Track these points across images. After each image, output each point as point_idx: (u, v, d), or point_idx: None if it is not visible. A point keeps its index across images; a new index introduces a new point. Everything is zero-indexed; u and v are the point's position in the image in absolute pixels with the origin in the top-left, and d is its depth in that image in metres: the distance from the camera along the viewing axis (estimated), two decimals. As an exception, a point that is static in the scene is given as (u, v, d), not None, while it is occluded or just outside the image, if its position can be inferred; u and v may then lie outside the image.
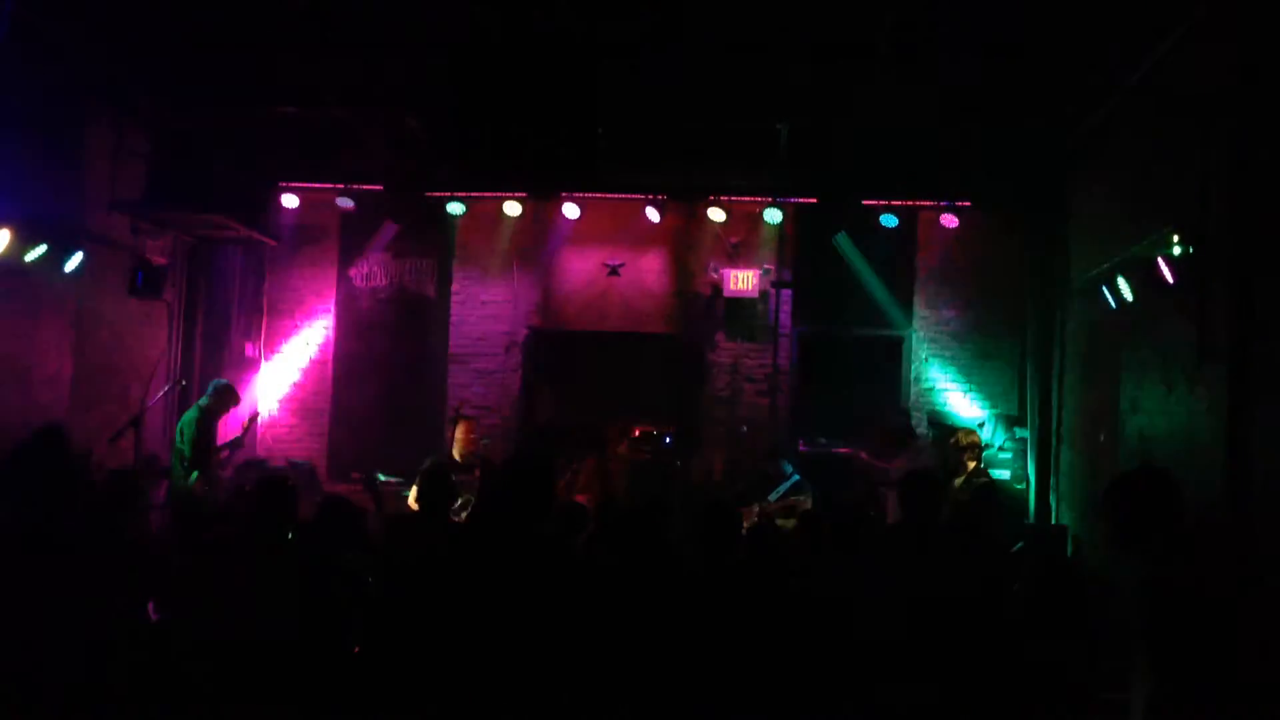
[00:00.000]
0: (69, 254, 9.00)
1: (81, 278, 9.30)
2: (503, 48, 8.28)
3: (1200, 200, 6.60)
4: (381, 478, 9.52)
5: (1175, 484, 3.88)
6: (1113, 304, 8.09)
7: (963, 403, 11.38)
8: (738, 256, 11.81)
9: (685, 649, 4.71)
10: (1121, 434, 8.23)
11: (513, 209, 11.44)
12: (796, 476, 9.83)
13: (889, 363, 11.70)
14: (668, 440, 10.87)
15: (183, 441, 9.10)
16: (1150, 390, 7.63)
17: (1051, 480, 10.26)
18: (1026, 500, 10.38)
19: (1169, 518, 3.82)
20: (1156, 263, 6.95)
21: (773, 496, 9.67)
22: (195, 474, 8.96)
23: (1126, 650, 4.47)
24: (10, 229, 8.25)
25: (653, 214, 11.28)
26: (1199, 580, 3.87)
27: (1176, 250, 6.77)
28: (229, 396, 9.60)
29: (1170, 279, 6.88)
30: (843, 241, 11.24)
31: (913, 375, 11.60)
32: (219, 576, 4.93)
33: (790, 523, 9.03)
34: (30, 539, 4.05)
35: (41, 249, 8.61)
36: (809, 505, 9.43)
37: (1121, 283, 7.83)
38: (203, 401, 9.42)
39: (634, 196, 11.29)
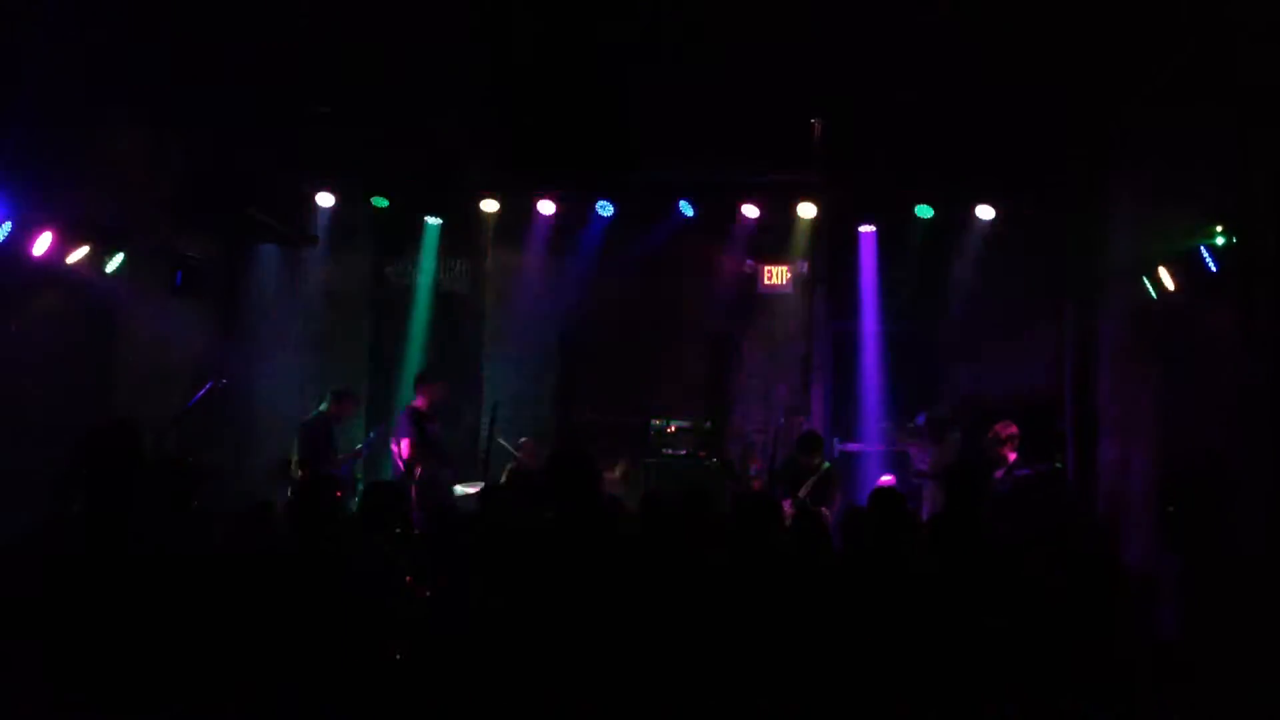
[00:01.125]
0: (110, 255, 9.10)
1: (122, 279, 9.40)
2: (540, 46, 8.27)
3: (1244, 190, 6.53)
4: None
5: (1227, 479, 3.88)
6: (1153, 294, 8.02)
7: (1000, 396, 11.28)
8: (772, 252, 11.78)
9: (728, 637, 4.71)
10: (1163, 425, 8.15)
11: (547, 207, 11.47)
12: (827, 464, 9.80)
13: (926, 355, 11.63)
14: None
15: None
16: (1192, 381, 7.55)
17: (1091, 472, 10.17)
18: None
19: (1220, 511, 3.83)
20: (1199, 252, 6.89)
21: (803, 492, 9.64)
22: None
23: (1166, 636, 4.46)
24: (52, 231, 8.35)
25: (687, 209, 11.27)
26: (1238, 572, 3.86)
27: (1219, 240, 6.71)
28: (348, 402, 10.15)
29: (1213, 268, 6.82)
30: (864, 236, 11.23)
31: (951, 367, 11.51)
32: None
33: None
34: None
35: (84, 250, 8.71)
36: (839, 496, 9.45)
37: (1163, 272, 7.76)
38: (322, 407, 9.92)
39: (668, 191, 11.27)
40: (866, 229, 11.37)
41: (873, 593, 5.03)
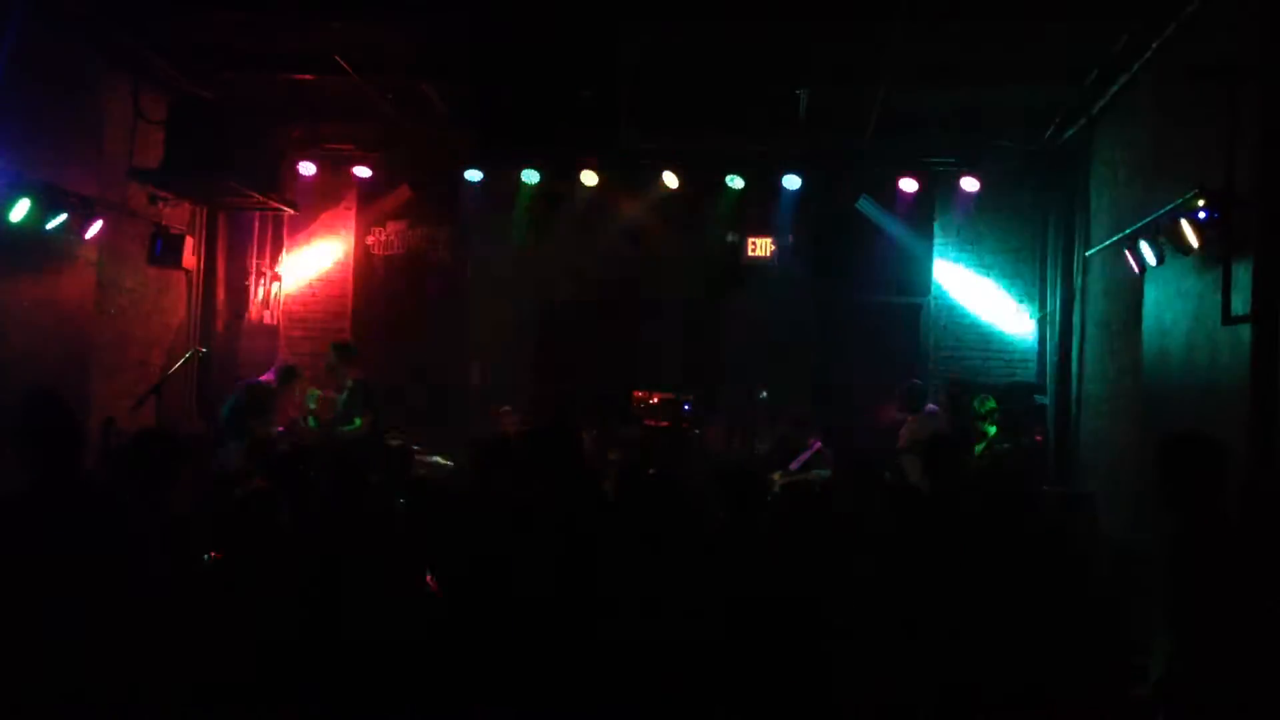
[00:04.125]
0: (88, 222, 9.01)
1: (101, 246, 9.33)
2: (522, 13, 8.19)
3: (1227, 162, 6.53)
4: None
5: (1221, 450, 3.89)
6: (1135, 267, 8.03)
7: (982, 368, 11.33)
8: (756, 223, 11.75)
9: (711, 612, 4.72)
10: (1144, 398, 8.19)
11: (530, 176, 11.41)
12: (818, 444, 9.81)
13: (908, 329, 11.67)
14: (686, 407, 10.87)
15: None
16: (1173, 355, 7.58)
17: (1072, 445, 10.23)
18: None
19: (1212, 482, 3.85)
20: (1181, 225, 6.89)
21: (794, 465, 9.66)
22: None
23: (1150, 613, 4.47)
24: (30, 197, 8.26)
25: (671, 180, 11.24)
26: (1224, 543, 3.88)
27: (1202, 213, 6.70)
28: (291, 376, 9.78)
29: (1195, 242, 6.83)
30: (865, 206, 11.20)
31: (932, 341, 11.56)
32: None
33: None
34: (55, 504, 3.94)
35: (61, 217, 8.63)
36: (828, 474, 9.45)
37: (1144, 245, 7.76)
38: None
39: (652, 162, 11.23)
40: (853, 199, 11.32)
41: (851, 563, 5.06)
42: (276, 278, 12.12)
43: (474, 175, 11.50)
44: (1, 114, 7.89)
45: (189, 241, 10.78)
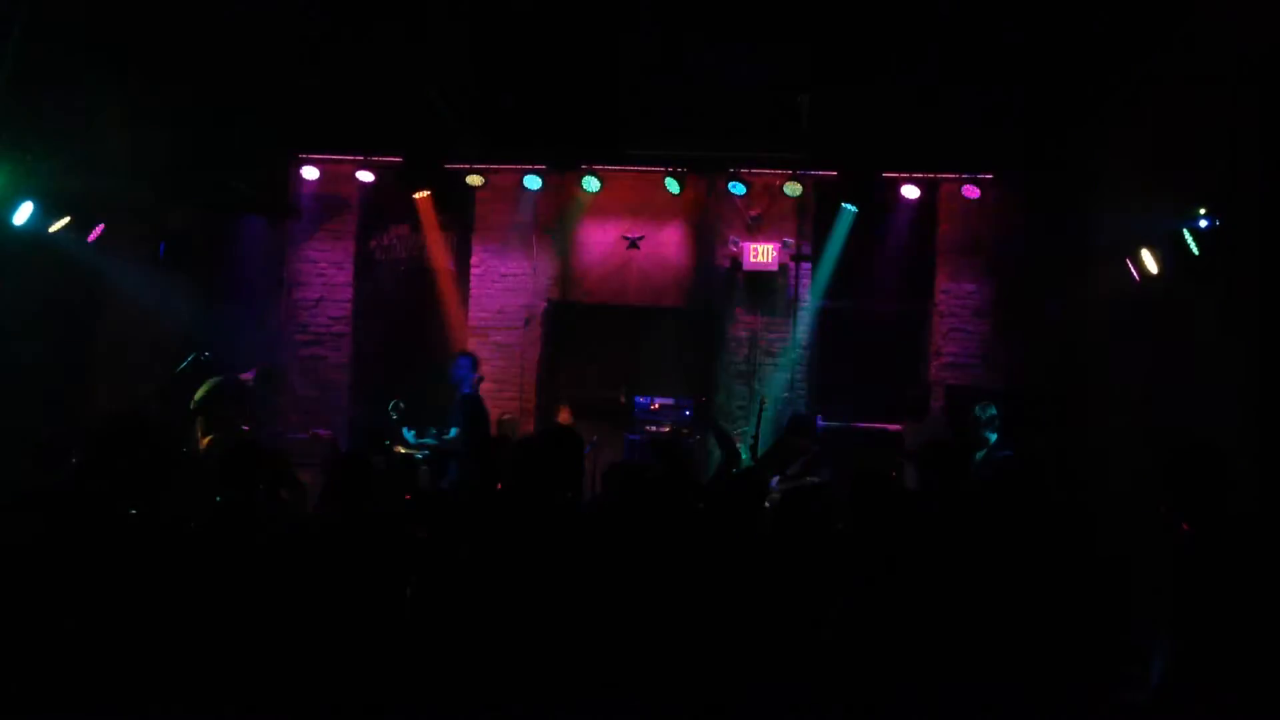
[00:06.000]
0: (91, 225, 9.03)
1: (103, 249, 9.33)
2: (524, 17, 8.22)
3: (1228, 173, 6.55)
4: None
5: (1222, 460, 3.90)
6: (1136, 276, 8.04)
7: (983, 377, 11.31)
8: (757, 230, 11.77)
9: (711, 617, 4.72)
10: (1146, 407, 8.19)
11: (532, 182, 11.42)
12: (815, 449, 9.80)
13: (909, 337, 11.67)
14: (686, 413, 10.87)
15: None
16: (1174, 363, 7.59)
17: (1073, 452, 10.20)
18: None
19: (1214, 488, 3.85)
20: (1182, 235, 6.91)
21: (791, 470, 9.64)
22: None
23: (1150, 619, 4.47)
24: (33, 201, 8.28)
25: (672, 186, 11.25)
26: (1227, 549, 3.88)
27: (1203, 223, 6.72)
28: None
29: (1196, 251, 6.84)
30: (843, 215, 11.25)
31: (933, 349, 11.55)
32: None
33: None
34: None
35: (64, 220, 8.64)
36: (823, 479, 9.43)
37: (1146, 255, 7.78)
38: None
39: (654, 169, 11.26)
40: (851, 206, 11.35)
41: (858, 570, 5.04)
42: (279, 281, 12.12)
43: (476, 180, 11.52)
44: (3, 117, 7.91)
45: (191, 245, 10.79)
